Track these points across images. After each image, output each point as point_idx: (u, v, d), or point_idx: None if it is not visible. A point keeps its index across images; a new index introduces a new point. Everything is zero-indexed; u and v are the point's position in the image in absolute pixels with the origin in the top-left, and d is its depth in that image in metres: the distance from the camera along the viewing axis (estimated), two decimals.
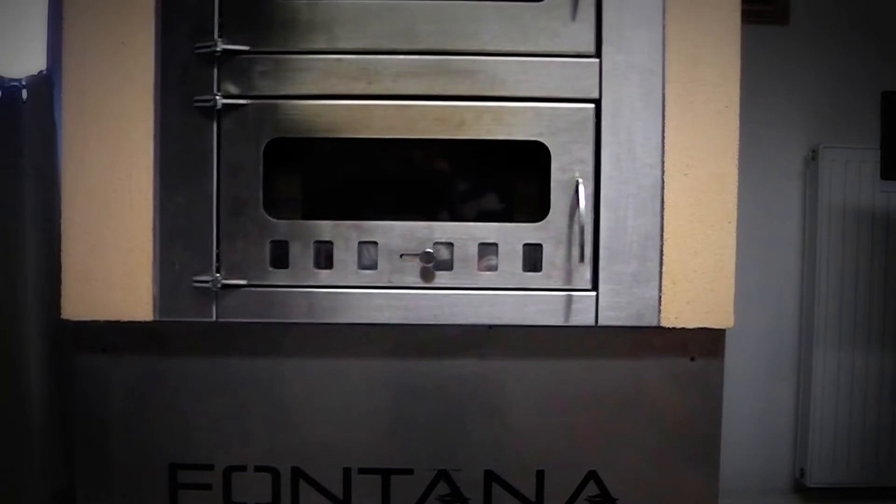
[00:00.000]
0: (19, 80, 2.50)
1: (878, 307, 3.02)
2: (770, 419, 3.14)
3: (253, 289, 1.97)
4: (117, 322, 1.98)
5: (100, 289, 1.97)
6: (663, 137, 1.95)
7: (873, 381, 3.02)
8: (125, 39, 1.95)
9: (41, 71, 2.57)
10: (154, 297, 1.96)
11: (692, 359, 2.01)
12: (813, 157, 3.04)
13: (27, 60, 2.64)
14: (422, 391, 2.03)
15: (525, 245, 1.96)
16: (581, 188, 1.91)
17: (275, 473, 2.03)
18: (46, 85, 2.52)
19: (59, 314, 1.98)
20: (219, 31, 1.94)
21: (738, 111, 1.95)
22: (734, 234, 1.97)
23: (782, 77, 3.05)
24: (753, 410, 3.13)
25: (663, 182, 1.95)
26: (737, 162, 1.95)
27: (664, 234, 1.96)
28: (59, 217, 1.96)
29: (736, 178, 1.95)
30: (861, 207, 3.00)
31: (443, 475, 2.03)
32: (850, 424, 3.04)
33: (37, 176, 2.48)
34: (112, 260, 1.97)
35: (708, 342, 2.02)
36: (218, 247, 1.96)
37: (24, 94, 2.50)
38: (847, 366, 3.03)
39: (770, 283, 3.09)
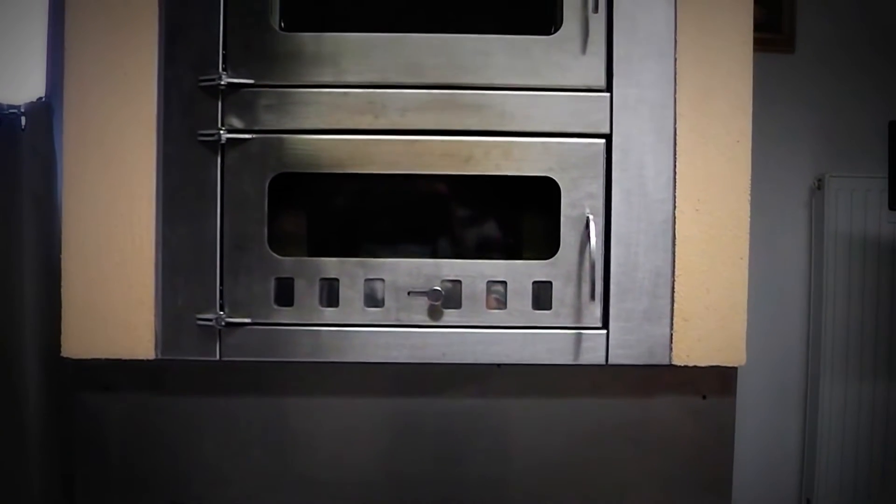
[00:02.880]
0: (18, 107, 2.47)
1: (886, 337, 3.00)
2: (776, 448, 3.12)
3: (257, 327, 1.93)
4: (118, 360, 1.94)
5: (100, 326, 1.94)
6: (675, 172, 1.92)
7: (881, 410, 2.99)
8: (127, 71, 1.92)
9: (40, 98, 2.53)
10: (156, 335, 1.93)
11: (704, 397, 1.98)
12: (819, 185, 3.02)
13: (25, 85, 2.61)
14: (427, 430, 2.00)
15: (534, 282, 1.93)
16: (592, 224, 1.89)
17: None
18: (45, 112, 2.49)
19: (59, 350, 1.94)
20: (223, 63, 1.91)
21: (749, 145, 1.93)
22: (746, 271, 1.94)
23: (788, 105, 3.03)
24: (759, 439, 3.10)
25: (675, 218, 1.92)
26: (749, 197, 1.93)
27: (675, 270, 1.94)
28: (59, 247, 1.93)
29: (748, 213, 1.93)
30: (867, 237, 2.98)
31: None
32: (857, 454, 3.01)
33: (36, 204, 2.44)
34: (113, 296, 1.93)
35: (720, 380, 1.99)
36: (221, 283, 1.92)
37: (23, 121, 2.45)
38: (854, 395, 3.00)
39: (776, 313, 3.07)
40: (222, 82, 1.89)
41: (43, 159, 2.43)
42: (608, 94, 1.93)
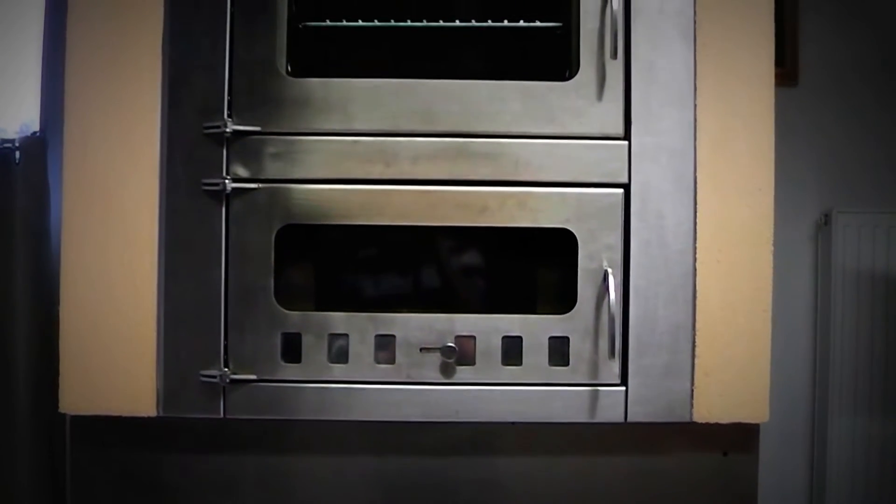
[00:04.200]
0: (12, 141, 2.43)
1: (895, 374, 2.94)
2: (784, 489, 3.07)
3: (263, 384, 1.87)
4: (118, 417, 1.87)
5: (99, 381, 1.87)
6: (695, 222, 1.87)
7: (891, 449, 2.94)
8: (129, 116, 1.87)
9: (35, 132, 2.49)
10: (158, 391, 1.86)
11: (725, 454, 1.93)
12: (825, 221, 2.99)
13: (17, 112, 2.57)
14: (439, 489, 1.94)
15: (550, 338, 1.86)
16: (611, 278, 1.83)
17: None
18: (40, 146, 2.44)
19: (55, 406, 1.88)
20: (228, 109, 1.84)
21: (772, 194, 1.87)
22: (769, 323, 1.89)
23: (792, 140, 2.99)
24: (766, 480, 3.02)
25: (695, 270, 1.87)
26: (772, 247, 1.88)
27: (696, 323, 1.88)
28: (55, 285, 1.88)
29: (771, 264, 1.88)
30: (875, 273, 2.95)
31: None
32: (867, 495, 2.96)
33: (30, 239, 2.40)
34: (113, 350, 1.87)
35: (741, 436, 1.93)
36: (226, 338, 1.85)
37: (18, 155, 2.41)
38: (863, 433, 2.97)
39: (782, 350, 3.00)
40: (227, 129, 1.83)
41: (37, 194, 2.39)
42: (626, 142, 1.87)
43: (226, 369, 1.86)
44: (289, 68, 1.89)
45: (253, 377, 1.87)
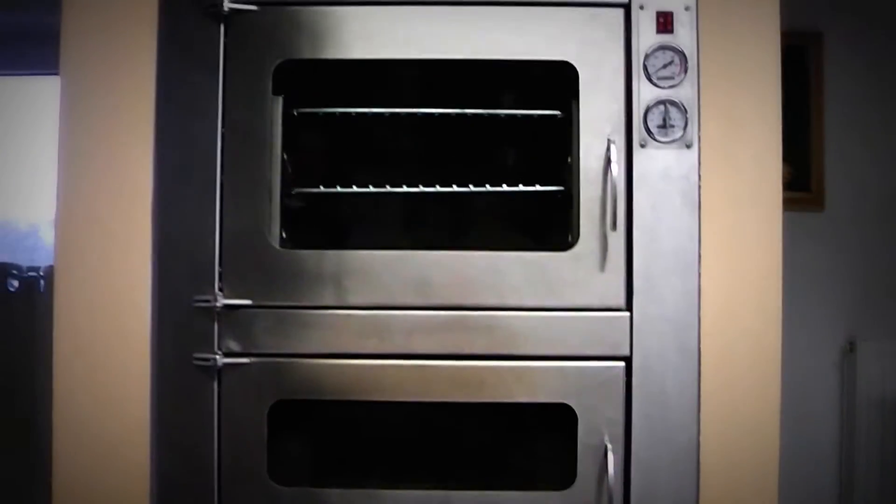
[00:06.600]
0: (38, 269, 2.45)
1: None
2: None
3: None
4: None
5: None
6: (699, 395, 1.82)
7: None
8: (120, 290, 1.84)
9: None
10: None
11: None
12: (850, 348, 2.92)
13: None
14: None
15: None
16: (610, 455, 1.77)
17: None
18: None
19: None
20: (219, 281, 1.80)
21: (779, 365, 1.83)
22: (776, 496, 1.80)
23: (817, 264, 2.95)
24: None
25: (699, 443, 1.82)
26: (779, 420, 1.82)
27: (700, 498, 1.82)
28: None
29: (778, 437, 1.83)
30: None
31: None
32: None
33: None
34: None
35: None
36: None
37: (42, 283, 2.43)
38: None
39: (806, 478, 2.95)
40: (218, 304, 1.79)
41: None
42: (627, 314, 1.82)
43: None
44: (283, 235, 1.86)
45: None
